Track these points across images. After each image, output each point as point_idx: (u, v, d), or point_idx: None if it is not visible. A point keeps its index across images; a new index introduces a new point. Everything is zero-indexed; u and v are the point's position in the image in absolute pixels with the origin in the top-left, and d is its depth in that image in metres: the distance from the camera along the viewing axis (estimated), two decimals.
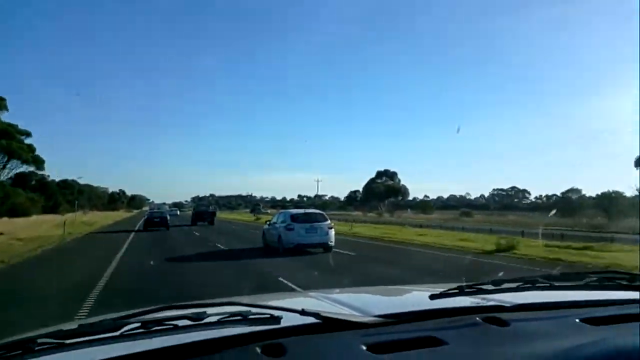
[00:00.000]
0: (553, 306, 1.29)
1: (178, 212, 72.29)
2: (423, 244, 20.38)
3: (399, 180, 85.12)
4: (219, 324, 1.05)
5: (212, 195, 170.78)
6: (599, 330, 1.06)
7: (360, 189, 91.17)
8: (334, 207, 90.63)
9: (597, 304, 1.30)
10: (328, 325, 1.10)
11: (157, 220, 32.21)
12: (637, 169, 42.66)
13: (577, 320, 1.14)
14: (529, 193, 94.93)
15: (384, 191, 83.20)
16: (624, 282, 1.40)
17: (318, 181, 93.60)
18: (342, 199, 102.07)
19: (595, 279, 1.42)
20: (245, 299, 1.45)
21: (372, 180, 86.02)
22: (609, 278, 1.44)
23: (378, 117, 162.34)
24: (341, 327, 1.10)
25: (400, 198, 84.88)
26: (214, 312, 1.07)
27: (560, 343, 0.94)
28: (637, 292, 1.34)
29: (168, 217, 33.68)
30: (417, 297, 1.72)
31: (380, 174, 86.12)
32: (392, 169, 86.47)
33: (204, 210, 43.29)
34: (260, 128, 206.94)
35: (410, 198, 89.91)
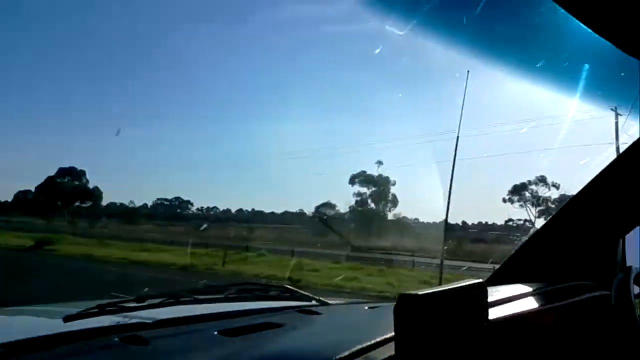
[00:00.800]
0: (194, 320, 1.29)
1: None
2: None
3: (87, 181, 67.47)
4: None
5: None
6: (233, 341, 1.09)
7: (33, 189, 67.79)
8: None
9: (235, 315, 1.36)
10: None
11: None
12: (352, 186, 49.04)
13: (216, 332, 1.15)
14: (192, 204, 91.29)
15: (70, 194, 64.05)
16: (259, 293, 1.60)
17: None
18: None
19: (234, 291, 1.56)
20: None
21: (51, 179, 65.17)
22: (247, 290, 1.60)
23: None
24: None
25: (90, 204, 67.17)
26: None
27: (198, 356, 0.96)
28: (270, 302, 1.55)
29: None
30: (48, 320, 1.55)
31: (63, 172, 66.22)
32: (80, 167, 67.82)
33: None
34: None
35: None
